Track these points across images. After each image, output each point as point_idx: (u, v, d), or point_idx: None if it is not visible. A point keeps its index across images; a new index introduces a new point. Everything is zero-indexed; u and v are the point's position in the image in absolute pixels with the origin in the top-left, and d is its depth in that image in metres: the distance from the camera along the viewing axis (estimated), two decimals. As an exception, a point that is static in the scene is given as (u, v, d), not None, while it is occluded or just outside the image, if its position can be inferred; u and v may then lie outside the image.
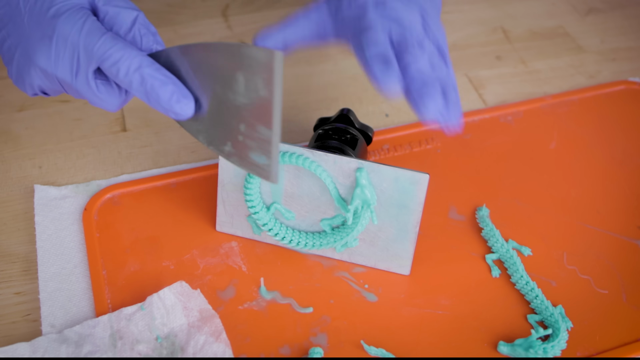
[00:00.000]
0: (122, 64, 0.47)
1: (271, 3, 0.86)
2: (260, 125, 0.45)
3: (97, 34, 0.47)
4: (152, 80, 0.47)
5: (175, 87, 0.47)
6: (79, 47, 0.47)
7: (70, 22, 0.47)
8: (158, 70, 0.47)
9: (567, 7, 0.87)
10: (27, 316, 0.56)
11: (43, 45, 0.48)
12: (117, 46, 0.47)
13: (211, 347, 0.52)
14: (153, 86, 0.47)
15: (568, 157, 0.68)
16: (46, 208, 0.62)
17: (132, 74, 0.47)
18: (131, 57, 0.47)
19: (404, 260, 0.57)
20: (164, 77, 0.47)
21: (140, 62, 0.47)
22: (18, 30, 0.49)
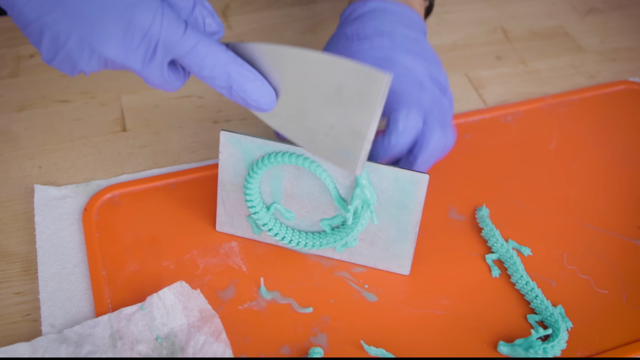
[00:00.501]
0: (207, 61, 0.47)
1: (271, 3, 0.86)
2: (353, 131, 0.48)
3: (179, 27, 0.46)
4: (238, 77, 0.47)
5: (261, 83, 0.48)
6: (159, 39, 0.46)
7: (149, 13, 0.45)
8: (242, 66, 0.48)
9: (567, 7, 0.87)
10: (27, 316, 0.56)
11: (114, 37, 0.46)
12: (202, 42, 0.46)
13: (211, 347, 0.52)
14: (240, 82, 0.48)
15: (568, 157, 0.68)
16: (46, 208, 0.62)
17: (219, 70, 0.47)
18: (216, 54, 0.47)
19: (404, 260, 0.57)
20: (249, 74, 0.48)
21: (226, 60, 0.47)
22: (72, 18, 0.46)
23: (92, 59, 0.47)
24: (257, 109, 0.50)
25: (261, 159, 0.55)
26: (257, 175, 0.56)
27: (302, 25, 0.83)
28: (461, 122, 0.71)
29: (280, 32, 0.82)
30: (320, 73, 0.48)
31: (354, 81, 0.47)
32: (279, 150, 0.54)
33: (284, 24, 0.83)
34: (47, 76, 0.75)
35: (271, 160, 0.54)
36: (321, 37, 0.81)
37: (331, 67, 0.47)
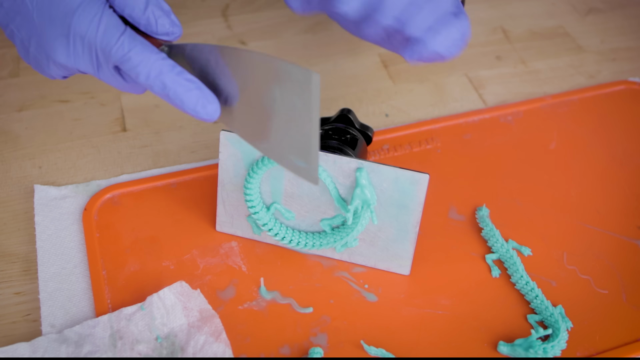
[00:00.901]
0: (141, 69, 0.46)
1: (271, 3, 0.86)
2: (297, 135, 0.45)
3: (115, 33, 0.45)
4: (174, 86, 0.46)
5: (200, 92, 0.46)
6: (97, 47, 0.46)
7: (86, 20, 0.45)
8: (180, 75, 0.46)
9: (567, 7, 0.87)
10: (27, 316, 0.56)
11: (59, 44, 0.46)
12: (135, 50, 0.45)
13: (211, 347, 0.52)
14: (176, 92, 0.46)
15: (568, 157, 0.68)
16: (46, 208, 0.62)
17: (153, 79, 0.46)
18: (150, 62, 0.45)
19: (404, 260, 0.57)
20: (187, 82, 0.46)
21: (161, 68, 0.46)
22: (28, 26, 0.47)
23: (50, 65, 0.48)
24: (199, 119, 0.47)
25: (261, 159, 0.55)
26: (257, 175, 0.56)
27: (302, 25, 0.83)
28: (461, 122, 0.71)
29: (280, 32, 0.82)
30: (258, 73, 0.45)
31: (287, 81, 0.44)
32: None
33: (284, 24, 0.83)
34: (47, 76, 0.75)
35: (271, 160, 0.54)
36: (321, 37, 0.81)
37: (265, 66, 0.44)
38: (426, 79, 0.77)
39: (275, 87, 0.44)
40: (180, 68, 0.46)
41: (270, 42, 0.81)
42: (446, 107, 0.74)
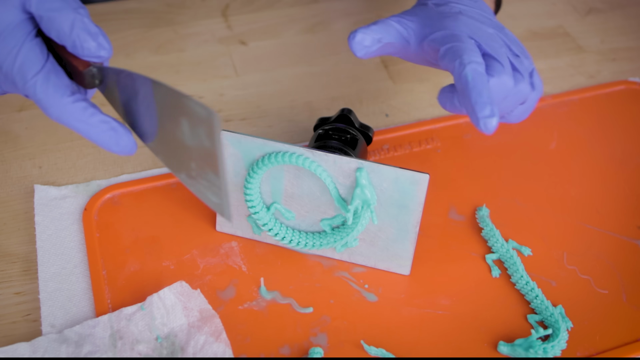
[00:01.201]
0: (52, 112, 0.46)
1: (271, 3, 0.86)
2: (208, 170, 0.45)
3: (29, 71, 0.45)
4: (85, 128, 0.46)
5: (113, 132, 0.47)
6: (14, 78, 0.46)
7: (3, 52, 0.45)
8: (93, 116, 0.46)
9: (567, 7, 0.87)
10: (27, 316, 0.56)
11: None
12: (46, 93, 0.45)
13: (211, 347, 0.52)
14: (88, 134, 0.46)
15: (568, 157, 0.68)
16: (46, 208, 0.62)
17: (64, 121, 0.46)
18: (61, 106, 0.46)
19: (404, 260, 0.57)
20: (100, 124, 0.46)
21: (71, 113, 0.46)
22: None
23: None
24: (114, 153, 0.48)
25: (261, 159, 0.55)
26: (257, 175, 0.56)
27: (302, 25, 0.83)
28: (461, 122, 0.71)
29: (280, 32, 0.82)
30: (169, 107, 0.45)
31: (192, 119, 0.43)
32: (279, 150, 0.54)
33: (284, 24, 0.83)
34: (47, 76, 0.75)
35: (271, 160, 0.54)
36: (321, 37, 0.81)
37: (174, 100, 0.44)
38: (426, 79, 0.77)
39: (184, 122, 0.44)
40: (92, 109, 0.47)
41: (270, 42, 0.81)
42: (446, 107, 0.73)
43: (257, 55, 0.79)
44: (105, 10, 0.83)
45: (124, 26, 0.81)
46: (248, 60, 0.78)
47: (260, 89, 0.75)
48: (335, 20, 0.83)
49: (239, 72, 0.77)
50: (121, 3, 0.84)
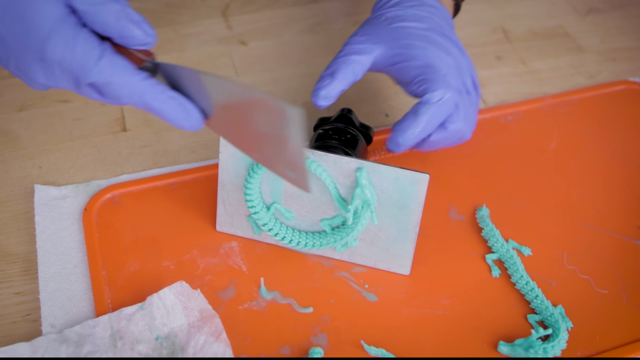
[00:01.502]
0: (123, 92, 0.46)
1: (271, 3, 0.86)
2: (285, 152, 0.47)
3: (92, 57, 0.45)
4: (157, 104, 0.47)
5: (181, 107, 0.48)
6: (75, 70, 0.46)
7: (60, 46, 0.45)
8: (161, 92, 0.47)
9: (567, 7, 0.87)
10: (27, 316, 0.56)
11: (36, 67, 0.46)
12: (116, 74, 0.46)
13: (211, 347, 0.52)
14: (160, 110, 0.47)
15: (568, 157, 0.68)
16: (46, 208, 0.62)
17: (136, 100, 0.47)
18: (132, 85, 0.46)
19: (404, 260, 0.57)
20: (169, 99, 0.47)
21: (142, 90, 0.46)
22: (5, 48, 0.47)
23: (31, 83, 0.48)
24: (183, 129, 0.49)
25: (261, 159, 0.55)
26: (257, 175, 0.55)
27: (302, 25, 0.83)
28: (461, 122, 0.71)
29: (280, 32, 0.82)
30: (242, 102, 0.47)
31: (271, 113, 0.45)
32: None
33: (284, 24, 0.83)
34: (47, 76, 0.75)
35: (271, 161, 0.54)
36: (321, 37, 0.81)
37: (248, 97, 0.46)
38: (426, 79, 0.76)
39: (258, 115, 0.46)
40: (160, 85, 0.47)
41: (270, 42, 0.81)
42: (446, 107, 0.73)
43: (257, 55, 0.79)
44: (105, 10, 0.83)
45: (124, 26, 0.81)
46: (248, 60, 0.78)
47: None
48: (335, 20, 0.83)
49: (239, 72, 0.77)
50: (121, 3, 0.84)
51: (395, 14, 0.61)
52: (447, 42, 0.60)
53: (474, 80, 0.61)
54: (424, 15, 0.61)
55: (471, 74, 0.61)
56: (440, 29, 0.61)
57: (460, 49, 0.61)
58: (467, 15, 0.86)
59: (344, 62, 0.59)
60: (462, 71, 0.59)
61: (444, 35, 0.61)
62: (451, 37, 0.61)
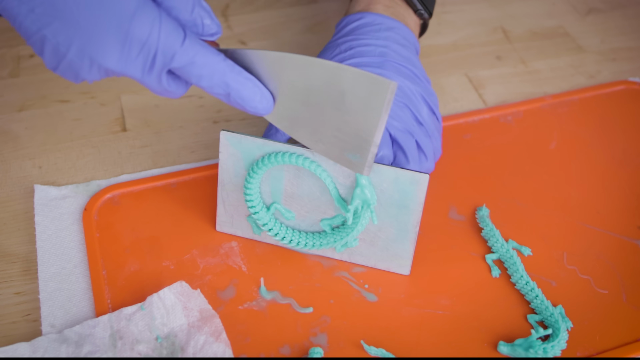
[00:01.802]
0: (205, 72, 0.47)
1: (271, 3, 0.86)
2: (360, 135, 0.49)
3: (177, 37, 0.46)
4: (236, 85, 0.48)
5: (257, 89, 0.49)
6: (157, 50, 0.46)
7: (147, 24, 0.45)
8: (240, 74, 0.48)
9: (567, 7, 0.87)
10: (27, 316, 0.56)
11: (111, 48, 0.45)
12: (200, 54, 0.46)
13: (211, 347, 0.52)
14: (238, 90, 0.48)
15: (568, 157, 0.68)
16: (46, 208, 0.62)
17: (217, 80, 0.47)
18: (214, 65, 0.47)
19: (404, 260, 0.57)
20: (247, 81, 0.49)
21: (224, 69, 0.47)
22: (69, 31, 0.46)
23: (92, 69, 0.47)
24: (254, 114, 0.51)
25: (261, 159, 0.55)
26: (257, 175, 0.56)
27: (302, 25, 0.83)
28: (461, 122, 0.71)
29: (280, 32, 0.82)
30: (324, 79, 0.48)
31: (359, 88, 0.47)
32: (279, 150, 0.54)
33: (284, 24, 0.83)
34: (47, 76, 0.75)
35: (271, 160, 0.54)
36: (321, 37, 0.81)
37: (336, 74, 0.48)
38: (426, 79, 0.77)
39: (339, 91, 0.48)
40: (239, 68, 0.49)
41: (270, 42, 0.81)
42: (446, 107, 0.74)
43: (257, 55, 0.79)
44: (105, 10, 0.83)
45: (124, 26, 0.81)
46: (248, 60, 0.78)
47: (260, 89, 0.75)
48: (335, 20, 0.83)
49: (239, 72, 0.77)
50: (121, 3, 0.84)
51: (348, 45, 0.61)
52: (400, 76, 0.59)
53: (431, 108, 0.60)
54: (379, 45, 0.61)
55: (427, 102, 0.60)
56: (395, 59, 0.60)
57: (414, 78, 0.60)
58: (467, 15, 0.86)
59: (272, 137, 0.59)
60: (413, 104, 0.59)
61: (399, 66, 0.60)
62: (406, 66, 0.60)
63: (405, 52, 0.61)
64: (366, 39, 0.61)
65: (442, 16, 0.84)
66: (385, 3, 0.64)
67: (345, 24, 0.64)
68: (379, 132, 0.48)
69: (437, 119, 0.61)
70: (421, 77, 0.61)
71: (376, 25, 0.62)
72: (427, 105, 0.60)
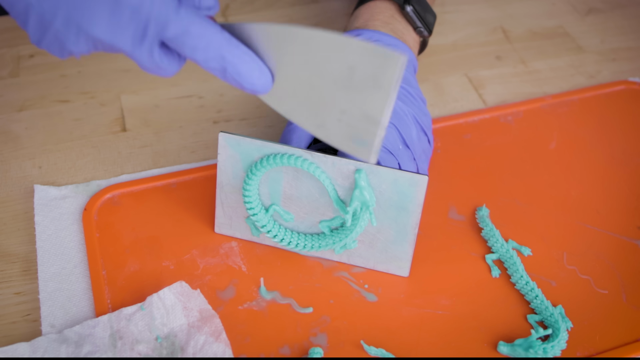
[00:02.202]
0: (200, 42, 0.44)
1: (271, 3, 0.86)
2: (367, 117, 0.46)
3: (172, 5, 0.43)
4: (233, 58, 0.45)
5: (256, 65, 0.46)
6: (150, 18, 0.43)
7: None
8: (238, 48, 0.45)
9: (567, 7, 0.87)
10: (27, 316, 0.56)
11: (101, 15, 0.43)
12: (196, 22, 0.44)
13: (211, 347, 0.52)
14: (234, 64, 0.45)
15: (568, 157, 0.68)
16: (46, 208, 0.62)
17: (212, 53, 0.45)
18: (210, 35, 0.44)
19: (403, 262, 0.57)
20: (245, 55, 0.46)
21: (221, 41, 0.45)
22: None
23: (79, 39, 0.44)
24: (251, 91, 0.48)
25: (260, 161, 0.55)
26: (255, 177, 0.55)
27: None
28: (461, 122, 0.71)
29: (280, 32, 0.82)
30: (330, 54, 0.45)
31: (367, 63, 0.44)
32: (278, 152, 0.54)
33: (284, 24, 0.83)
34: (47, 76, 0.75)
35: (270, 162, 0.54)
36: (321, 37, 0.81)
37: (342, 47, 0.44)
38: (426, 79, 0.77)
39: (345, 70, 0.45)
40: (237, 41, 0.46)
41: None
42: (446, 107, 0.74)
43: (257, 55, 0.79)
44: (105, 10, 0.83)
45: (124, 26, 0.81)
46: (248, 60, 0.78)
47: (260, 89, 0.75)
48: (335, 20, 0.83)
49: (239, 72, 0.77)
50: (121, 3, 0.84)
51: None
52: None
53: (423, 129, 0.59)
54: None
55: (419, 124, 0.59)
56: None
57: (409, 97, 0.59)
58: (467, 15, 0.86)
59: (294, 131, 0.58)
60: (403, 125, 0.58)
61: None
62: (401, 85, 0.59)
63: None
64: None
65: (442, 16, 0.84)
66: (384, 19, 0.64)
67: None
68: (387, 111, 0.45)
69: (428, 141, 0.60)
70: (416, 97, 0.60)
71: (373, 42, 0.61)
72: (419, 126, 0.59)
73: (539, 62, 0.79)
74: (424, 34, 0.65)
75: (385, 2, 0.64)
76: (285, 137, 0.58)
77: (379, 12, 0.64)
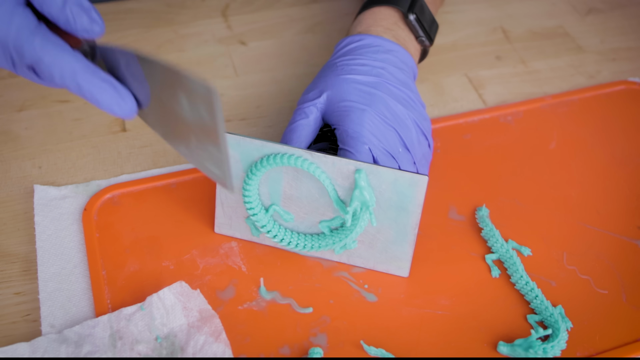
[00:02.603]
0: (54, 69, 0.45)
1: (271, 3, 0.86)
2: (209, 144, 0.45)
3: (26, 33, 0.45)
4: (88, 86, 0.45)
5: (115, 92, 0.46)
6: (9, 46, 0.45)
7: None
8: (95, 74, 0.45)
9: (567, 7, 0.87)
10: (27, 316, 0.56)
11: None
12: (47, 50, 0.45)
13: (211, 347, 0.52)
14: (91, 92, 0.46)
15: (568, 157, 0.68)
16: (46, 208, 0.62)
17: (68, 80, 0.45)
18: (63, 63, 0.45)
19: (403, 263, 0.57)
20: (101, 82, 0.46)
21: (74, 69, 0.45)
22: None
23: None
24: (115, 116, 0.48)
25: (260, 161, 0.55)
26: (255, 177, 0.55)
27: (302, 25, 0.83)
28: (461, 122, 0.71)
29: (280, 32, 0.82)
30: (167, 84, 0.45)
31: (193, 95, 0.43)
32: (278, 151, 0.54)
33: (283, 24, 0.83)
34: (47, 76, 0.75)
35: (270, 162, 0.54)
36: (321, 37, 0.81)
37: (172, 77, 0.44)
38: (426, 79, 0.77)
39: (182, 97, 0.44)
40: (94, 67, 0.46)
41: (270, 42, 0.81)
42: (446, 107, 0.74)
43: (257, 56, 0.79)
44: (105, 10, 0.83)
45: (124, 26, 0.82)
46: (248, 60, 0.78)
47: (260, 89, 0.75)
48: (335, 20, 0.83)
49: (238, 72, 0.77)
50: (121, 3, 0.84)
51: (345, 64, 0.61)
52: (393, 98, 0.59)
53: (423, 133, 0.59)
54: (376, 66, 0.60)
55: (419, 127, 0.59)
56: (390, 81, 0.59)
57: (409, 101, 0.59)
58: (467, 15, 0.86)
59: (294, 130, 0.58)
60: (403, 128, 0.58)
61: (393, 88, 0.59)
62: (401, 89, 0.59)
63: (401, 75, 0.60)
64: (363, 59, 0.60)
65: (442, 16, 0.84)
66: (387, 26, 0.64)
67: (344, 45, 0.63)
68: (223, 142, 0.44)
69: (428, 145, 0.60)
70: (416, 101, 0.60)
71: (375, 47, 0.61)
72: (419, 130, 0.59)
73: (539, 62, 0.79)
74: (425, 43, 0.66)
75: (389, 9, 0.65)
76: (286, 137, 0.58)
77: (382, 18, 0.64)
